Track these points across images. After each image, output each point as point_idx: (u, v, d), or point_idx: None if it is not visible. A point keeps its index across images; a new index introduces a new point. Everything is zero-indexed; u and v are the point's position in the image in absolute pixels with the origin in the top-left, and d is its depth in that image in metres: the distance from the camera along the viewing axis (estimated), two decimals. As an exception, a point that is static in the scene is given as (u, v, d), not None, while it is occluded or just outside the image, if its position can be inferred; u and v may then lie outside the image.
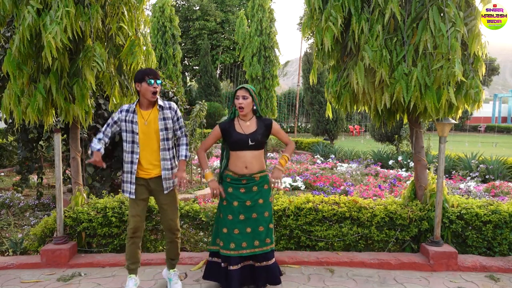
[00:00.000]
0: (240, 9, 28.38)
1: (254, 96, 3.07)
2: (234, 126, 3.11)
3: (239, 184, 3.07)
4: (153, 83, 2.96)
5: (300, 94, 21.09)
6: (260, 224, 3.05)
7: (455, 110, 3.52)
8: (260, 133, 3.06)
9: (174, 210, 3.19)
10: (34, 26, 3.17)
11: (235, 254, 3.02)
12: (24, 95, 3.46)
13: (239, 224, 3.04)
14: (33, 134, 5.78)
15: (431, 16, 3.19)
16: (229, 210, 3.07)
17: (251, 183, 3.08)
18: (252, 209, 3.06)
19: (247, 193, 3.07)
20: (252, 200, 3.06)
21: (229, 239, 3.04)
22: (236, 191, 3.07)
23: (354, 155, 10.87)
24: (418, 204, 3.96)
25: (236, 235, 3.03)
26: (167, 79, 6.78)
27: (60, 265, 3.68)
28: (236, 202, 3.06)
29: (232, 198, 3.07)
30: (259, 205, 3.07)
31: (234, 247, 3.02)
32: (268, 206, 3.12)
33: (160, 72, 7.00)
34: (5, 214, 5.46)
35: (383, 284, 3.38)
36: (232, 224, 3.05)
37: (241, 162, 3.05)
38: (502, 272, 3.60)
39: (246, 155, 3.05)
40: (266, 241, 3.06)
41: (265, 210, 3.09)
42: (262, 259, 3.07)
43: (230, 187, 3.09)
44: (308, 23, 3.83)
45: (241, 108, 3.04)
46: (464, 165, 8.11)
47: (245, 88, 3.04)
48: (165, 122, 3.08)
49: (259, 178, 3.10)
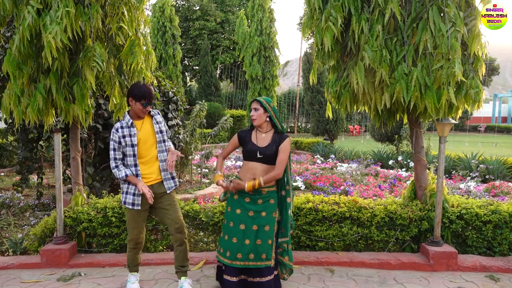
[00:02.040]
0: (240, 9, 28.38)
1: (268, 108, 3.04)
2: (251, 136, 3.13)
3: (245, 194, 3.05)
4: (146, 107, 3.09)
5: (300, 94, 21.09)
6: (259, 237, 2.99)
7: (455, 110, 3.52)
8: (271, 149, 3.02)
9: (177, 209, 3.21)
10: (34, 26, 3.17)
11: (228, 263, 2.98)
12: (24, 95, 3.46)
13: (238, 234, 2.99)
14: (33, 134, 5.78)
15: (431, 16, 3.19)
16: (231, 217, 3.06)
17: (257, 196, 3.05)
18: (253, 220, 3.01)
19: (251, 203, 3.03)
20: (255, 212, 3.02)
21: (226, 247, 3.02)
22: (241, 199, 3.05)
23: (354, 155, 10.87)
24: (418, 204, 3.96)
25: (233, 244, 2.99)
26: (167, 79, 6.78)
27: (60, 265, 3.68)
28: (239, 210, 3.04)
29: (236, 205, 3.06)
30: (261, 217, 3.02)
31: (229, 255, 2.98)
32: (270, 220, 3.04)
33: (160, 72, 6.99)
34: (5, 214, 5.47)
35: (383, 284, 3.38)
36: (232, 232, 3.02)
37: (250, 174, 3.04)
38: (502, 272, 3.60)
39: (256, 167, 3.03)
40: (262, 257, 2.96)
41: (266, 223, 3.02)
42: (255, 274, 3.00)
43: (236, 194, 3.09)
44: (308, 23, 3.83)
45: (254, 120, 3.08)
46: (464, 165, 8.11)
47: (256, 100, 3.07)
48: (159, 126, 3.20)
49: (266, 192, 3.06)
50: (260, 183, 2.92)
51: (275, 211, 3.07)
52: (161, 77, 6.52)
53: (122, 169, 3.07)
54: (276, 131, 3.12)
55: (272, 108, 3.07)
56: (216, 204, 4.11)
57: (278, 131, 3.11)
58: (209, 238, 4.11)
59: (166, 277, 3.51)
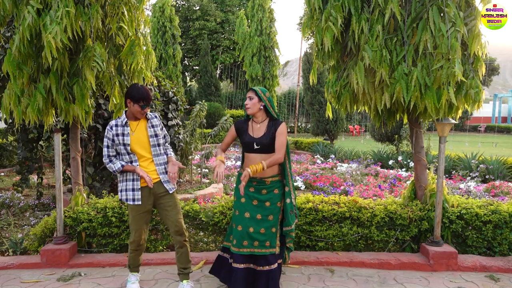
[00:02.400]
0: (240, 9, 28.38)
1: (263, 97, 3.05)
2: (247, 128, 3.15)
3: (250, 184, 3.09)
4: (144, 108, 3.07)
5: (300, 94, 21.09)
6: (263, 226, 3.03)
7: (455, 110, 3.51)
8: (268, 137, 3.04)
9: (178, 211, 3.20)
10: (34, 26, 3.17)
11: (235, 251, 3.03)
12: (24, 95, 3.46)
13: (243, 222, 3.05)
14: (33, 134, 5.78)
15: (431, 16, 3.19)
16: (237, 206, 3.12)
17: (261, 186, 3.08)
18: (258, 209, 3.05)
19: (256, 193, 3.08)
20: (259, 201, 3.06)
21: (233, 235, 3.09)
22: (246, 189, 3.08)
23: (354, 155, 10.87)
24: (418, 204, 3.96)
25: (238, 232, 3.05)
26: (167, 79, 6.78)
27: (60, 265, 3.68)
28: (244, 198, 3.09)
29: (241, 195, 3.10)
30: (265, 207, 3.06)
31: (236, 243, 3.04)
32: (274, 210, 3.09)
33: (160, 72, 6.99)
34: (5, 214, 5.47)
35: (383, 284, 3.38)
36: (237, 220, 3.09)
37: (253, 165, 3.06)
38: (502, 272, 3.60)
39: (256, 158, 3.04)
40: (266, 244, 3.02)
41: (270, 213, 3.06)
42: (263, 262, 3.04)
43: None
44: (308, 23, 3.83)
45: (247, 108, 3.09)
46: (464, 165, 8.11)
47: (252, 89, 3.10)
48: (154, 129, 3.17)
49: (270, 182, 3.09)
50: (263, 166, 2.93)
51: (280, 201, 3.12)
52: (161, 77, 6.52)
53: (115, 162, 3.07)
54: (272, 119, 3.14)
55: (268, 98, 3.09)
56: (216, 204, 4.11)
57: (274, 119, 3.14)
58: (209, 238, 4.11)
59: (166, 277, 3.51)
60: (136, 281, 3.30)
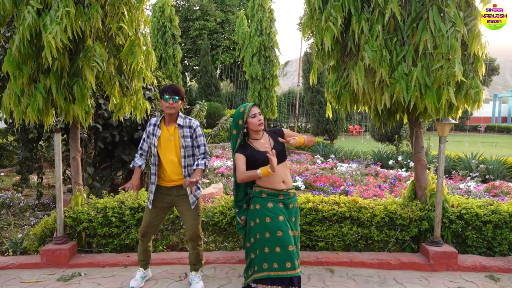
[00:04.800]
0: (240, 9, 28.37)
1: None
2: (253, 147, 3.01)
3: (277, 199, 2.94)
4: (169, 100, 3.09)
5: (300, 94, 21.09)
6: (296, 243, 2.94)
7: (455, 110, 3.52)
8: (279, 144, 3.02)
9: (194, 217, 3.24)
10: (34, 26, 3.17)
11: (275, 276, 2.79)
12: (24, 95, 3.46)
13: (280, 242, 2.79)
14: (33, 134, 5.78)
15: (431, 16, 3.19)
16: (277, 226, 2.84)
17: (287, 200, 2.98)
18: (292, 226, 2.97)
19: (285, 209, 2.96)
20: (289, 218, 2.98)
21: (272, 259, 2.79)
22: (277, 206, 2.92)
23: (354, 155, 10.87)
24: (418, 204, 3.96)
25: (285, 253, 2.78)
26: (167, 79, 6.78)
27: (60, 265, 3.68)
28: (282, 216, 2.89)
29: (276, 213, 2.89)
30: (293, 223, 3.00)
31: (277, 267, 2.78)
32: (297, 225, 3.08)
33: (160, 72, 6.99)
34: (5, 214, 5.46)
35: (383, 284, 3.38)
36: (282, 242, 2.81)
37: (278, 178, 2.94)
38: (502, 272, 3.60)
39: (279, 170, 2.91)
40: (296, 263, 2.82)
41: (297, 229, 3.03)
42: (296, 282, 2.84)
43: (270, 202, 2.92)
44: (308, 23, 3.83)
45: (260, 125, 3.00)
46: (464, 165, 8.11)
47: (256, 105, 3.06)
48: (184, 140, 3.18)
49: (293, 194, 3.06)
50: (305, 140, 2.99)
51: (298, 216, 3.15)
52: (161, 77, 6.52)
53: (137, 160, 3.29)
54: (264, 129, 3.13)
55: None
56: (216, 204, 4.11)
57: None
58: (209, 238, 4.11)
59: (166, 277, 3.51)
60: (140, 278, 3.35)
